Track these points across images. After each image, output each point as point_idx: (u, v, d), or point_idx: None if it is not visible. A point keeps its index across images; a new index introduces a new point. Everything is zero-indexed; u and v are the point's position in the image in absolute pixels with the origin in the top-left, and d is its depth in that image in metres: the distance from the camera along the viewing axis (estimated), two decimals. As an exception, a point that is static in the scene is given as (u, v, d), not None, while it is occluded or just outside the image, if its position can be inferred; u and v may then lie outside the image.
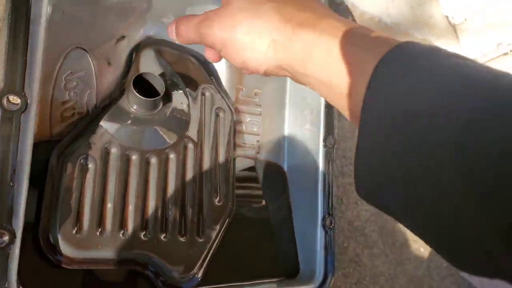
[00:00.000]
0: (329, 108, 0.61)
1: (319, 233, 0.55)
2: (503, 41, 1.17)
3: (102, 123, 0.46)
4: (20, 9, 0.37)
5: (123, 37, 0.51)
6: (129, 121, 0.48)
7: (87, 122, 0.45)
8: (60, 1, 0.46)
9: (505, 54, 1.19)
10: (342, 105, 0.29)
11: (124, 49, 0.51)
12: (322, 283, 0.53)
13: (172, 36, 0.39)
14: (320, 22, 0.30)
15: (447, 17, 1.23)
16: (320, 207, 0.56)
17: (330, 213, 0.56)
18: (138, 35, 0.52)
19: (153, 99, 0.47)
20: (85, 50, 0.48)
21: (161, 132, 0.50)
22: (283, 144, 0.64)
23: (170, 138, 0.50)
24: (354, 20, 0.94)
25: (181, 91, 0.53)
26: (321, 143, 0.59)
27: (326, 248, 0.54)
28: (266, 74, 0.34)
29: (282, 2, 0.32)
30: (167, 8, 0.54)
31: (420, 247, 0.86)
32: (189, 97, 0.53)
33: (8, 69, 0.36)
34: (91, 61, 0.48)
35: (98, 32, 0.49)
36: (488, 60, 1.22)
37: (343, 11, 0.91)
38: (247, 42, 0.32)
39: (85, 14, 0.48)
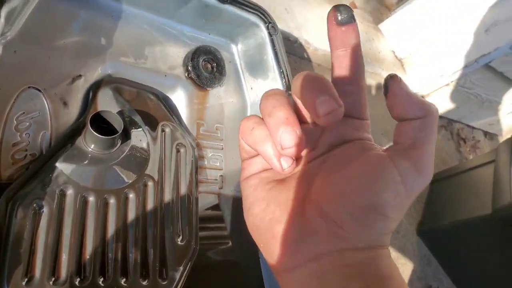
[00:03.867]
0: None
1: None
2: (444, 73, 1.26)
3: (57, 164, 0.44)
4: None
5: (80, 76, 0.50)
6: (86, 161, 0.47)
7: (41, 163, 0.43)
8: (12, 40, 0.45)
9: (447, 85, 1.27)
10: None
11: (81, 88, 0.50)
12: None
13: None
14: None
15: (393, 51, 1.31)
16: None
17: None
18: (95, 74, 0.51)
19: (110, 137, 0.46)
20: (38, 90, 0.46)
21: (119, 171, 0.48)
22: (245, 178, 0.64)
23: (129, 177, 0.49)
24: (308, 57, 0.98)
25: (140, 129, 0.52)
26: (283, 176, 0.60)
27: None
28: None
29: None
30: (125, 47, 0.54)
31: None
32: (148, 134, 0.52)
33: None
34: (45, 101, 0.46)
35: (53, 71, 0.48)
36: (433, 91, 1.29)
37: (298, 48, 0.95)
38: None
39: (39, 53, 0.47)
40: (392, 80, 0.29)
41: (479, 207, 0.97)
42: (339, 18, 0.27)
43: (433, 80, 1.28)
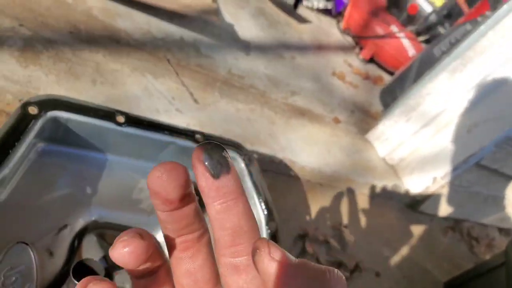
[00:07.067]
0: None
1: None
2: (436, 175, 1.28)
3: (39, 317, 0.46)
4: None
5: (66, 225, 0.54)
6: (69, 310, 0.48)
7: (22, 319, 0.45)
8: (4, 202, 0.50)
9: (443, 186, 1.29)
10: None
11: (66, 237, 0.53)
12: None
13: None
14: None
15: (384, 159, 1.36)
16: None
17: None
18: (80, 222, 0.55)
19: (91, 284, 0.48)
20: (26, 243, 0.50)
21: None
22: None
23: (111, 322, 0.49)
24: (296, 174, 1.02)
25: (124, 273, 0.54)
26: None
27: None
28: None
29: None
30: (109, 193, 0.59)
31: None
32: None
33: None
34: (32, 254, 0.49)
35: (41, 224, 0.52)
36: (430, 193, 1.31)
37: (284, 168, 1.00)
38: None
39: (28, 210, 0.51)
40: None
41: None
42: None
43: (428, 184, 1.31)
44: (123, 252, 0.20)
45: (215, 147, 0.20)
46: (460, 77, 1.20)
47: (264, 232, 0.64)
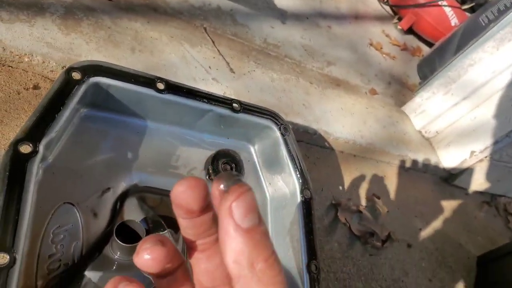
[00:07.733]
0: (309, 233, 0.64)
1: None
2: (476, 149, 1.24)
3: (86, 272, 0.48)
4: (14, 178, 0.43)
5: (108, 188, 0.56)
6: (113, 268, 0.51)
7: (72, 273, 0.48)
8: (52, 163, 0.52)
9: (481, 160, 1.25)
10: None
11: (109, 199, 0.55)
12: None
13: None
14: None
15: (420, 131, 1.33)
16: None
17: None
18: (122, 185, 0.57)
19: (133, 244, 0.50)
20: (72, 204, 0.52)
21: (145, 276, 0.52)
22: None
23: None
24: (330, 146, 1.02)
25: (164, 233, 0.56)
26: (305, 269, 0.61)
27: None
28: None
29: None
30: (150, 158, 0.61)
31: None
32: (172, 237, 0.56)
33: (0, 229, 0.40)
34: (78, 214, 0.52)
35: (86, 186, 0.54)
36: (467, 167, 1.27)
37: (318, 139, 0.99)
38: None
39: (73, 172, 0.54)
40: None
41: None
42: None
43: (465, 158, 1.27)
44: (147, 259, 0.21)
45: (236, 180, 0.20)
46: (508, 47, 1.14)
47: (298, 200, 0.65)
